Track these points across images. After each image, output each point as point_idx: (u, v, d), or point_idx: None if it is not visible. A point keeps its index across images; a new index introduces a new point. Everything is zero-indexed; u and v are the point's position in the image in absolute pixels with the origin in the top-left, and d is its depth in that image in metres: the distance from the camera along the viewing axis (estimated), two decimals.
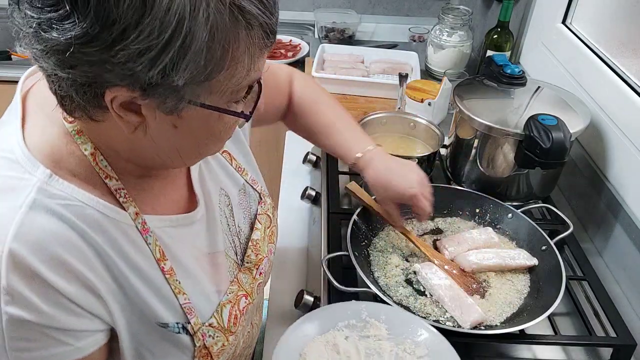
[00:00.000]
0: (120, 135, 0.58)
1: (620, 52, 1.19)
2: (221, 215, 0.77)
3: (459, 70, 1.69)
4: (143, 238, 0.64)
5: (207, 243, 0.74)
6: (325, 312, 0.83)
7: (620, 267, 1.05)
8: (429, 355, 0.77)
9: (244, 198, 0.83)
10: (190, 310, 0.68)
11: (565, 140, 0.98)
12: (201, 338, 0.69)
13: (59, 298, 0.55)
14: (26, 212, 0.54)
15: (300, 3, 2.34)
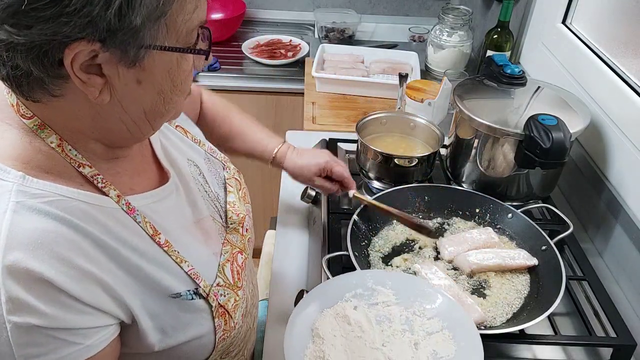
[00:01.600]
0: (84, 110, 0.57)
1: (620, 52, 1.19)
2: (196, 183, 0.79)
3: (459, 70, 1.69)
4: (132, 218, 0.64)
5: (191, 211, 0.75)
6: (330, 284, 0.83)
7: (620, 267, 1.05)
8: (438, 315, 0.79)
9: (211, 166, 0.85)
10: (196, 275, 0.69)
11: (565, 140, 0.98)
12: (215, 298, 0.70)
13: (62, 298, 0.54)
14: (11, 216, 0.53)
15: (300, 3, 2.34)
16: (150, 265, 0.64)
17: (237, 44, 2.10)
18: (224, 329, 0.72)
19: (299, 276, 1.06)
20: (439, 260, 1.01)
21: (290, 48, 2.12)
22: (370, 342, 0.74)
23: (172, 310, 0.66)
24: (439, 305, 0.80)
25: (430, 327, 0.78)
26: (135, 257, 0.62)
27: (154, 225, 0.66)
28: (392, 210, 1.01)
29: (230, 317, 0.73)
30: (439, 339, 0.76)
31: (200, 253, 0.73)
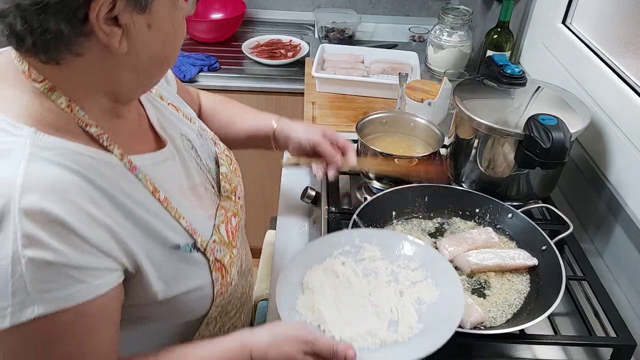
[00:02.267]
0: (100, 64, 0.62)
1: (620, 52, 1.19)
2: (189, 155, 0.82)
3: (459, 70, 1.69)
4: (134, 175, 0.68)
5: (185, 178, 0.79)
6: (319, 243, 0.90)
7: (620, 267, 1.05)
8: (422, 266, 0.85)
9: (203, 142, 0.89)
10: (194, 230, 0.73)
11: (565, 140, 0.98)
12: (212, 253, 0.75)
13: (74, 238, 0.58)
14: (27, 164, 0.57)
15: (300, 3, 2.34)
16: (152, 218, 0.68)
17: (237, 44, 2.10)
18: (221, 282, 0.76)
19: None
20: None
21: (290, 48, 2.12)
22: (358, 292, 0.80)
23: (173, 261, 0.70)
24: (422, 257, 0.85)
25: (414, 277, 0.83)
26: (139, 210, 0.66)
27: (153, 183, 0.70)
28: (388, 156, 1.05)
29: (227, 272, 0.77)
30: (423, 287, 0.82)
31: (196, 213, 0.76)
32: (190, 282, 0.72)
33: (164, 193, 0.71)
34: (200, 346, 0.73)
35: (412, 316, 0.78)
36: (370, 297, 0.80)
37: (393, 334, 0.75)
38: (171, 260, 0.70)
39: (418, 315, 0.78)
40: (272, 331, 0.72)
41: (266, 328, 0.73)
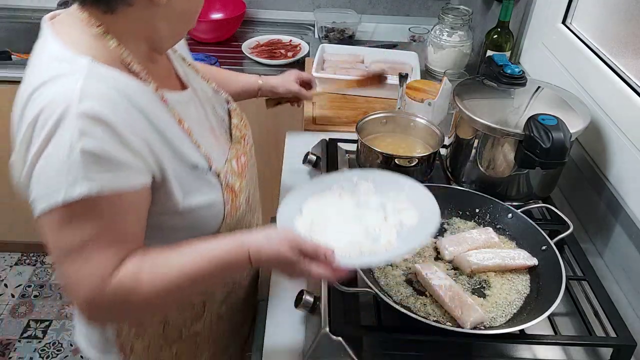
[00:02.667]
0: (144, 14, 0.77)
1: (620, 52, 1.19)
2: (206, 105, 0.97)
3: (459, 70, 1.69)
4: (164, 105, 0.82)
5: (207, 121, 0.95)
6: (320, 179, 1.01)
7: (620, 267, 1.05)
8: (409, 201, 0.93)
9: (218, 98, 1.04)
10: (210, 158, 0.87)
11: (565, 140, 0.98)
12: (224, 177, 0.89)
13: (118, 139, 0.71)
14: (84, 80, 0.71)
15: (300, 3, 2.34)
16: (178, 141, 0.82)
17: (237, 44, 2.10)
18: (231, 205, 0.90)
19: None
20: (439, 260, 1.01)
21: (290, 48, 2.12)
22: (349, 217, 0.90)
23: (192, 178, 0.84)
24: (411, 192, 0.94)
25: (400, 206, 0.92)
26: (168, 133, 0.80)
27: (179, 115, 0.84)
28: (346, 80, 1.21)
29: (236, 196, 0.91)
30: (406, 215, 0.91)
31: (212, 146, 0.91)
32: (204, 197, 0.86)
33: (188, 125, 0.85)
34: (205, 241, 0.81)
35: (392, 235, 0.86)
36: (359, 219, 0.89)
37: (373, 245, 0.84)
38: (190, 177, 0.84)
39: (398, 235, 0.87)
40: (267, 233, 0.81)
41: (262, 231, 0.82)
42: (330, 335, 0.85)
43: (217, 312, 1.05)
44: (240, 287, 1.09)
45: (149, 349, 0.99)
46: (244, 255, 0.79)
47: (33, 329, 2.15)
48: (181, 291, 0.80)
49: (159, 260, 0.78)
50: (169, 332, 0.99)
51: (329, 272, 0.78)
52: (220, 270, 0.80)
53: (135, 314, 0.86)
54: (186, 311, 0.99)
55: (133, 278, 0.75)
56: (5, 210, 2.26)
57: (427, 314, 0.89)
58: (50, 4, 2.19)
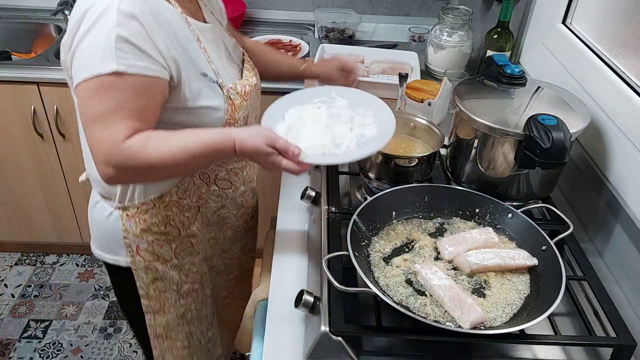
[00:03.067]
0: None
1: (620, 52, 1.19)
2: (225, 47, 1.16)
3: (459, 70, 1.69)
4: (187, 26, 1.01)
5: (221, 53, 1.13)
6: (302, 92, 1.16)
7: (620, 267, 1.05)
8: (374, 117, 1.09)
9: (236, 49, 1.23)
10: (218, 73, 1.06)
11: (565, 140, 0.98)
12: (227, 92, 1.07)
13: (146, 35, 0.91)
14: None
15: (300, 3, 2.34)
16: (194, 52, 1.01)
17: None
18: (230, 115, 1.08)
19: (299, 276, 1.07)
20: (439, 260, 1.01)
21: (290, 48, 2.12)
22: (322, 125, 1.06)
23: (202, 84, 1.03)
24: (376, 109, 1.10)
25: (365, 121, 1.09)
26: (186, 44, 1.00)
27: (198, 36, 1.03)
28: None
29: (235, 109, 1.08)
30: (368, 128, 1.07)
31: (222, 68, 1.09)
32: (209, 101, 1.04)
33: (204, 45, 1.04)
34: (198, 129, 1.01)
35: (352, 143, 1.04)
36: (328, 128, 1.06)
37: (333, 149, 1.02)
38: (201, 82, 1.02)
39: (357, 143, 1.04)
40: (250, 129, 1.00)
41: (247, 128, 1.05)
42: (330, 335, 0.85)
43: (209, 219, 1.24)
44: (232, 204, 1.27)
45: (152, 245, 1.17)
46: (231, 144, 0.97)
47: (33, 329, 2.15)
48: (178, 162, 0.96)
49: (164, 136, 0.96)
50: (170, 229, 1.17)
51: (294, 165, 0.96)
52: (211, 152, 0.97)
53: (142, 174, 0.99)
54: (183, 212, 1.17)
55: (141, 143, 0.93)
56: (5, 210, 2.27)
57: (426, 314, 0.89)
58: (51, 4, 2.19)
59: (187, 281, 1.27)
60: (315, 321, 0.90)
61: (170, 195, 1.13)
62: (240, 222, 1.35)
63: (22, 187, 2.18)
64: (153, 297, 1.24)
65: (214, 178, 1.18)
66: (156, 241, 1.17)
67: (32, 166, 2.13)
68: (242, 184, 1.25)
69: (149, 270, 1.20)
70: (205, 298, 1.34)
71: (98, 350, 2.07)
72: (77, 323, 2.18)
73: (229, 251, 1.39)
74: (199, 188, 1.16)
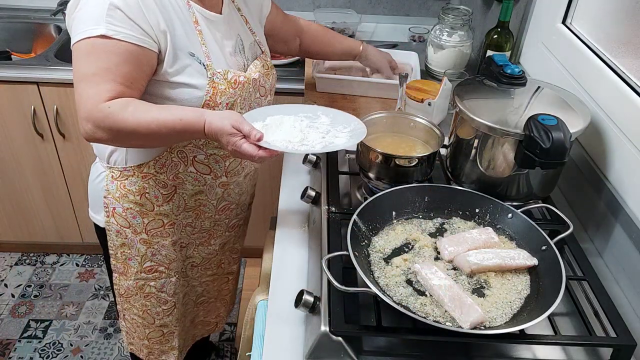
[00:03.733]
0: None
1: (620, 52, 1.19)
2: (237, 44, 1.21)
3: (459, 70, 1.69)
4: (187, 8, 1.09)
5: (225, 44, 1.17)
6: (291, 106, 1.18)
7: (620, 267, 1.05)
8: (350, 132, 1.12)
9: (253, 47, 1.27)
10: (208, 56, 1.11)
11: (565, 140, 0.98)
12: (212, 75, 1.11)
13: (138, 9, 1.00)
14: None
15: (300, 3, 2.34)
16: (186, 30, 1.08)
17: None
18: (210, 97, 1.11)
19: (299, 276, 1.07)
20: (439, 260, 1.01)
21: None
22: (297, 129, 1.09)
23: (187, 61, 1.08)
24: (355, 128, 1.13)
25: (339, 134, 1.12)
26: (180, 23, 1.07)
27: (197, 19, 1.10)
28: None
29: (216, 93, 1.11)
30: (339, 138, 1.10)
31: (217, 55, 1.13)
32: (190, 79, 1.09)
33: (201, 28, 1.10)
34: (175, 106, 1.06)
35: (319, 145, 1.07)
36: (301, 132, 1.09)
37: (299, 146, 1.06)
38: (185, 59, 1.08)
39: (323, 146, 1.07)
40: (222, 112, 1.04)
41: (221, 111, 1.07)
42: (330, 335, 0.85)
43: (185, 203, 1.28)
44: (210, 190, 1.29)
45: (126, 212, 1.24)
46: (201, 123, 1.01)
47: (33, 329, 2.15)
48: (150, 131, 1.01)
49: (144, 105, 1.02)
50: (145, 202, 1.23)
51: (254, 149, 0.99)
52: (181, 127, 1.02)
53: (116, 136, 1.03)
54: (159, 188, 1.22)
55: (120, 106, 0.99)
56: (5, 210, 2.27)
57: (426, 314, 0.89)
58: (51, 4, 2.19)
59: (153, 260, 1.33)
60: (315, 321, 0.90)
61: (148, 167, 1.19)
62: (221, 215, 1.38)
63: (22, 187, 2.18)
64: (120, 260, 1.34)
65: (191, 159, 1.21)
66: (130, 210, 1.24)
67: (32, 166, 2.13)
68: (224, 174, 1.28)
69: (119, 234, 1.29)
70: (169, 284, 1.39)
71: (98, 350, 2.07)
72: (77, 323, 2.18)
73: (207, 245, 1.42)
74: (176, 166, 1.20)
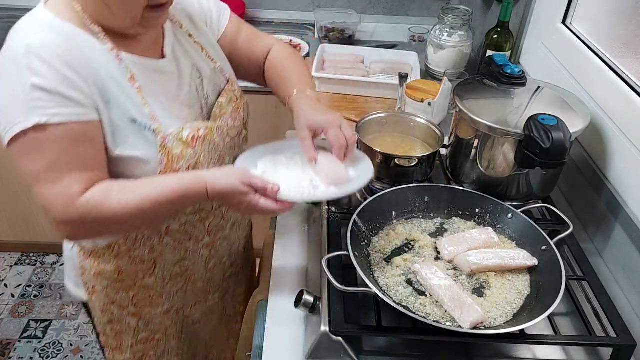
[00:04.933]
0: None
1: (620, 52, 1.19)
2: (191, 81, 1.01)
3: (459, 70, 1.69)
4: (117, 63, 0.89)
5: (176, 91, 0.98)
6: (281, 143, 1.08)
7: (620, 267, 1.05)
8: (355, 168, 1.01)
9: (214, 77, 1.06)
10: (154, 117, 0.92)
11: (565, 140, 0.98)
12: (163, 139, 0.92)
13: (61, 77, 0.82)
14: (38, 31, 0.85)
15: (300, 3, 2.34)
16: (121, 94, 0.89)
17: None
18: (165, 166, 0.94)
19: (299, 276, 1.07)
20: (439, 260, 1.01)
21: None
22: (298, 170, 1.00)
23: (130, 131, 0.90)
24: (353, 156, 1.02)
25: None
26: (111, 83, 0.88)
27: (134, 75, 0.91)
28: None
29: (173, 160, 0.94)
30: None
31: (169, 111, 0.95)
32: (136, 151, 0.91)
33: (141, 85, 0.91)
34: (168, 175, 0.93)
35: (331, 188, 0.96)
36: (304, 171, 0.99)
37: (312, 190, 0.96)
38: (128, 129, 0.90)
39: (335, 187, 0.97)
40: (224, 169, 0.93)
41: (220, 168, 0.95)
42: (330, 335, 0.85)
43: (170, 272, 1.12)
44: (194, 255, 1.13)
45: (107, 289, 1.10)
46: (202, 187, 0.89)
47: (33, 329, 2.15)
48: (144, 213, 0.89)
49: (127, 185, 0.89)
50: (124, 278, 1.08)
51: (274, 205, 0.89)
52: (180, 198, 0.90)
53: (105, 229, 0.93)
54: (136, 264, 1.07)
55: (102, 196, 0.86)
56: (5, 210, 2.26)
57: (426, 314, 0.89)
58: None
59: (147, 330, 1.18)
60: (315, 321, 0.90)
61: (118, 246, 1.03)
62: (213, 272, 1.21)
63: (22, 187, 2.18)
64: (110, 336, 1.18)
65: (164, 230, 1.05)
66: (111, 287, 1.09)
67: None
68: (206, 235, 1.11)
69: (105, 312, 1.13)
70: (170, 348, 1.24)
71: (98, 351, 2.07)
72: (77, 323, 2.18)
73: (205, 301, 1.26)
74: (149, 240, 1.04)
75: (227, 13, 1.14)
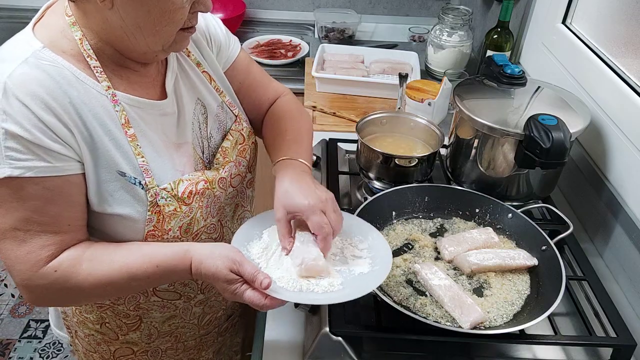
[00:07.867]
0: (98, 13, 0.75)
1: (620, 52, 1.19)
2: (194, 119, 0.91)
3: (459, 70, 1.70)
4: (112, 105, 0.79)
5: (175, 135, 0.88)
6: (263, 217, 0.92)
7: (620, 267, 1.05)
8: (369, 249, 0.89)
9: (222, 113, 0.96)
10: (146, 170, 0.82)
11: (565, 140, 0.98)
12: (154, 195, 0.82)
13: (41, 124, 0.72)
14: (20, 64, 0.73)
15: (300, 3, 2.34)
16: (110, 142, 0.79)
17: None
18: (154, 225, 0.83)
19: None
20: (439, 260, 1.01)
21: (290, 48, 2.12)
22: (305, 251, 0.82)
23: (116, 184, 0.80)
24: (374, 244, 0.90)
25: (357, 254, 0.88)
26: (100, 130, 0.78)
27: (129, 119, 0.81)
28: None
29: (164, 219, 0.84)
30: (360, 262, 0.87)
31: (164, 161, 0.85)
32: (123, 208, 0.81)
33: (136, 132, 0.81)
34: (152, 243, 0.83)
35: (336, 279, 0.83)
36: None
37: (313, 285, 0.81)
38: (115, 183, 0.80)
39: (343, 279, 0.83)
40: (213, 247, 0.80)
41: (210, 245, 0.81)
42: (330, 335, 0.85)
43: (158, 330, 1.02)
44: (186, 313, 1.02)
45: (89, 338, 1.03)
46: (186, 264, 0.79)
47: (33, 329, 2.15)
48: (117, 286, 0.81)
49: (102, 254, 0.79)
50: (106, 331, 1.01)
51: (260, 299, 0.76)
52: (160, 273, 0.80)
53: (73, 300, 0.88)
54: (120, 318, 0.98)
55: (71, 264, 0.77)
56: None
57: (427, 314, 0.89)
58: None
59: None
60: (315, 321, 0.90)
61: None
62: (208, 328, 1.09)
63: None
64: None
65: (152, 290, 0.95)
66: (93, 337, 1.02)
67: None
68: (199, 292, 1.00)
69: (88, 356, 1.08)
70: None
71: None
72: None
73: (198, 357, 1.14)
74: (134, 298, 0.95)
75: (237, 44, 1.03)
